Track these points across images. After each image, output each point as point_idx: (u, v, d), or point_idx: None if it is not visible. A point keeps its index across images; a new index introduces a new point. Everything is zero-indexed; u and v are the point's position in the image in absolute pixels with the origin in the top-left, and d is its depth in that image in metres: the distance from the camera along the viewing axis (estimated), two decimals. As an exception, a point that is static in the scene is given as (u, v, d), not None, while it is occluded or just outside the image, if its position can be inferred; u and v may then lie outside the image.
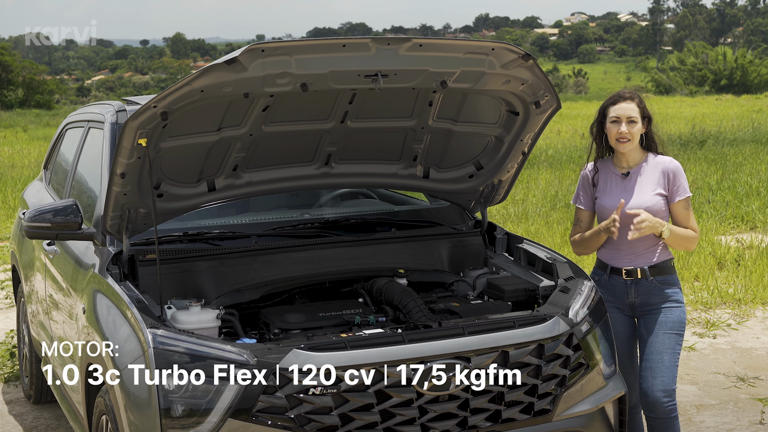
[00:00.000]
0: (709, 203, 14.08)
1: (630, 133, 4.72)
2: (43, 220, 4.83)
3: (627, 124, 4.71)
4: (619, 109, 4.74)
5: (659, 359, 4.73)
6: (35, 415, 6.54)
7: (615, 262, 4.85)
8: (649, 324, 4.80)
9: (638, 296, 4.81)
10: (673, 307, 4.78)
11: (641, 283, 4.79)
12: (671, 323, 4.76)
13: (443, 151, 5.09)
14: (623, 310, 4.87)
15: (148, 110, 4.03)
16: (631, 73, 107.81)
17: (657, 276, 4.78)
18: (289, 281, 4.84)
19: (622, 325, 4.88)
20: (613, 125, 4.75)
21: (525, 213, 13.86)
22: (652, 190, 4.76)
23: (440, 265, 5.20)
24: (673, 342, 4.76)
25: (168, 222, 4.89)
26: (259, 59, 3.98)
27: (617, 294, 4.85)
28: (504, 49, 4.31)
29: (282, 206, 5.83)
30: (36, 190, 7.13)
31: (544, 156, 21.14)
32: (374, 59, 4.15)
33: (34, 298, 6.22)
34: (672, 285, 4.81)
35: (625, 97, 4.78)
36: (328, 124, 4.68)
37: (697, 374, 7.10)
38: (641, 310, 4.83)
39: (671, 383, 4.73)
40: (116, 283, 4.33)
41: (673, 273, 4.86)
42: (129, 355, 3.94)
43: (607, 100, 4.86)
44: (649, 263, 4.79)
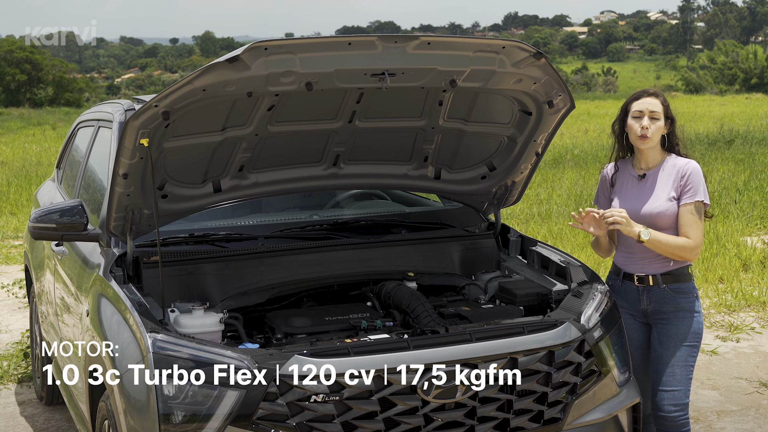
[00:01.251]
0: (735, 204, 13.86)
1: (651, 130, 4.52)
2: (48, 221, 4.76)
3: (649, 119, 4.53)
4: (643, 104, 4.56)
5: (670, 372, 4.56)
6: (46, 417, 6.49)
7: (628, 267, 4.68)
8: (661, 334, 4.62)
9: (650, 304, 4.63)
10: (687, 318, 4.58)
11: (653, 291, 4.61)
12: (683, 334, 4.57)
13: (455, 152, 4.98)
14: (636, 317, 4.70)
15: (149, 109, 3.96)
16: (660, 71, 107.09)
17: (670, 284, 4.58)
18: (296, 284, 4.75)
19: (635, 332, 4.71)
20: (634, 121, 4.57)
21: (549, 213, 13.72)
22: (667, 195, 4.55)
23: (451, 268, 5.10)
24: (686, 354, 4.57)
25: (175, 223, 4.82)
26: (262, 57, 3.90)
27: (630, 300, 4.69)
28: (515, 47, 4.21)
29: (295, 207, 5.74)
30: (48, 189, 7.09)
31: (570, 155, 20.96)
32: (381, 58, 4.05)
33: (45, 299, 6.17)
34: (686, 293, 4.60)
35: (650, 92, 4.62)
36: (335, 124, 4.59)
37: (719, 379, 6.95)
38: (654, 318, 4.65)
39: (683, 397, 4.56)
40: (118, 285, 4.26)
41: (689, 281, 4.64)
42: (129, 359, 3.87)
43: (630, 96, 4.69)
44: (662, 270, 4.59)
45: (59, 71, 62.30)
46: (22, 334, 8.22)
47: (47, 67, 61.62)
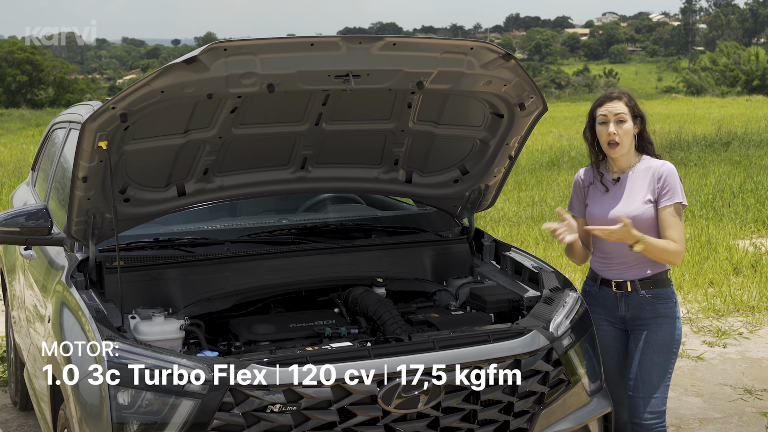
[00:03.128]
0: (729, 207, 13.75)
1: (619, 135, 4.40)
2: (12, 225, 4.69)
3: (615, 123, 4.41)
4: (606, 108, 4.44)
5: (647, 379, 4.45)
6: (20, 423, 6.40)
7: (605, 273, 4.57)
8: (638, 341, 4.50)
9: (629, 310, 4.52)
10: (666, 324, 4.47)
11: (631, 297, 4.50)
12: (662, 341, 4.46)
13: (426, 155, 4.88)
14: (614, 323, 4.59)
15: (106, 111, 3.87)
16: (662, 73, 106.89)
17: (648, 289, 4.48)
18: (262, 290, 4.65)
19: (612, 339, 4.60)
20: (602, 127, 4.45)
21: (541, 215, 13.62)
22: (642, 198, 4.44)
23: (422, 273, 4.99)
24: (663, 361, 4.46)
25: (143, 227, 4.73)
26: (221, 58, 3.80)
27: (607, 306, 4.58)
28: (483, 49, 4.11)
29: (270, 210, 5.64)
30: (23, 192, 7.02)
31: (567, 157, 20.86)
32: (345, 59, 3.96)
33: (16, 303, 6.09)
34: (665, 299, 4.49)
35: (612, 96, 4.48)
36: (301, 127, 4.49)
37: (703, 386, 6.85)
38: (632, 325, 4.54)
39: (660, 404, 4.46)
40: (77, 291, 4.17)
41: (668, 286, 4.54)
42: (84, 367, 3.78)
43: (595, 102, 4.56)
44: (640, 276, 4.48)
45: (60, 72, 62.35)
46: (1, 339, 8.13)
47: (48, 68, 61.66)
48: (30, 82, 60.91)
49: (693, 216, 13.11)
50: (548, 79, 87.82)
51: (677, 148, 21.11)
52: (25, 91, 60.37)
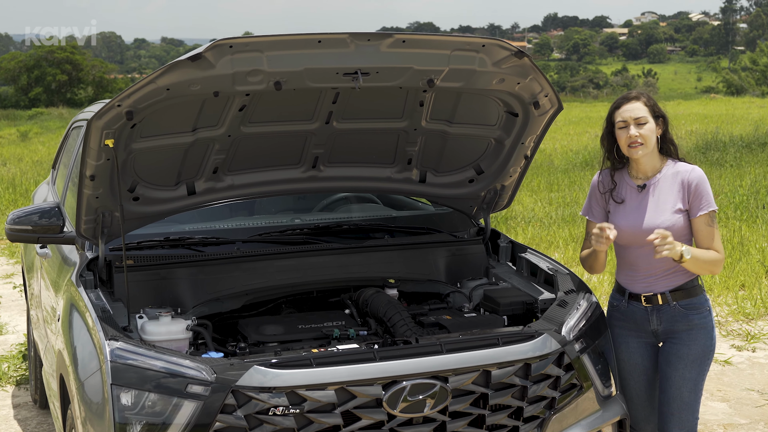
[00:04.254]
0: (764, 208, 13.52)
1: (641, 136, 4.17)
2: (24, 223, 4.68)
3: (636, 126, 4.19)
4: (625, 112, 4.22)
5: (677, 395, 4.25)
6: (39, 421, 6.40)
7: (633, 287, 4.32)
8: (669, 354, 4.28)
9: (661, 324, 4.28)
10: (700, 336, 4.24)
11: (663, 310, 4.26)
12: (694, 354, 4.23)
13: (440, 154, 4.81)
14: (644, 339, 4.35)
15: (112, 109, 3.83)
16: (702, 73, 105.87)
17: (681, 300, 4.24)
18: (272, 290, 4.59)
19: (641, 357, 4.37)
20: (621, 131, 4.23)
21: (572, 216, 13.48)
22: (671, 207, 4.21)
23: (436, 274, 4.91)
24: (695, 374, 4.24)
25: (152, 225, 4.68)
26: (227, 56, 3.75)
27: (637, 321, 4.33)
28: (495, 46, 4.03)
29: (288, 209, 5.59)
30: (43, 190, 7.03)
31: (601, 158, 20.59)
32: (353, 56, 3.90)
33: (35, 302, 6.08)
34: (698, 308, 4.26)
35: (630, 98, 4.27)
36: (312, 125, 4.43)
37: (730, 390, 6.71)
38: (665, 338, 4.31)
39: (690, 420, 4.26)
40: (85, 290, 4.14)
41: (700, 294, 4.29)
42: (88, 367, 3.76)
43: (612, 104, 4.35)
44: (670, 287, 4.25)
45: (99, 71, 62.92)
46: (24, 336, 8.15)
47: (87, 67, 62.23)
48: (69, 81, 61.54)
49: (726, 217, 12.91)
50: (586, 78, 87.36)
51: (713, 149, 20.84)
52: (64, 90, 60.99)
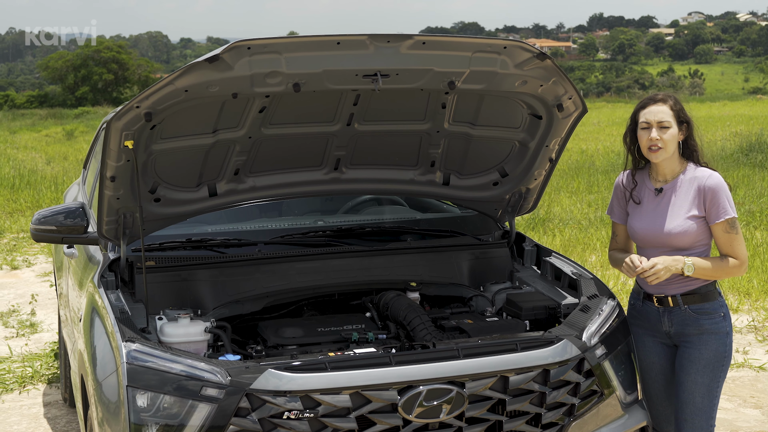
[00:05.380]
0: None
1: (662, 140, 4.13)
2: (49, 223, 4.70)
3: (658, 129, 4.14)
4: (649, 113, 4.17)
5: (690, 400, 4.19)
6: (68, 420, 6.44)
7: (647, 287, 4.31)
8: (682, 358, 4.24)
9: (672, 326, 4.25)
10: (711, 341, 4.19)
11: (674, 312, 4.23)
12: (706, 360, 4.18)
13: (463, 157, 4.76)
14: (660, 339, 4.32)
15: (131, 110, 3.84)
16: (749, 74, 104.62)
17: (692, 304, 4.20)
18: (293, 292, 4.58)
19: (657, 356, 4.34)
20: (643, 132, 4.19)
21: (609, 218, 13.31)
22: (686, 212, 4.17)
23: (459, 278, 4.86)
24: (708, 381, 4.19)
25: (175, 227, 4.69)
26: (245, 57, 3.74)
27: (652, 321, 4.31)
28: (517, 48, 3.99)
29: (316, 210, 5.57)
30: (74, 190, 7.07)
31: (643, 159, 20.39)
32: (372, 58, 3.87)
33: (63, 302, 6.13)
34: (710, 314, 4.20)
35: (657, 99, 4.21)
36: (333, 127, 4.40)
37: (763, 397, 6.59)
38: (678, 340, 4.27)
39: (704, 425, 4.20)
40: (105, 291, 4.15)
41: (714, 299, 4.23)
42: (105, 368, 3.76)
43: (638, 104, 4.31)
44: (682, 290, 4.21)
45: (145, 71, 63.55)
46: (57, 334, 8.21)
47: (133, 66, 62.86)
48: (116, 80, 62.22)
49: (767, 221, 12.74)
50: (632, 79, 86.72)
51: (757, 150, 20.52)
52: (110, 89, 61.65)
